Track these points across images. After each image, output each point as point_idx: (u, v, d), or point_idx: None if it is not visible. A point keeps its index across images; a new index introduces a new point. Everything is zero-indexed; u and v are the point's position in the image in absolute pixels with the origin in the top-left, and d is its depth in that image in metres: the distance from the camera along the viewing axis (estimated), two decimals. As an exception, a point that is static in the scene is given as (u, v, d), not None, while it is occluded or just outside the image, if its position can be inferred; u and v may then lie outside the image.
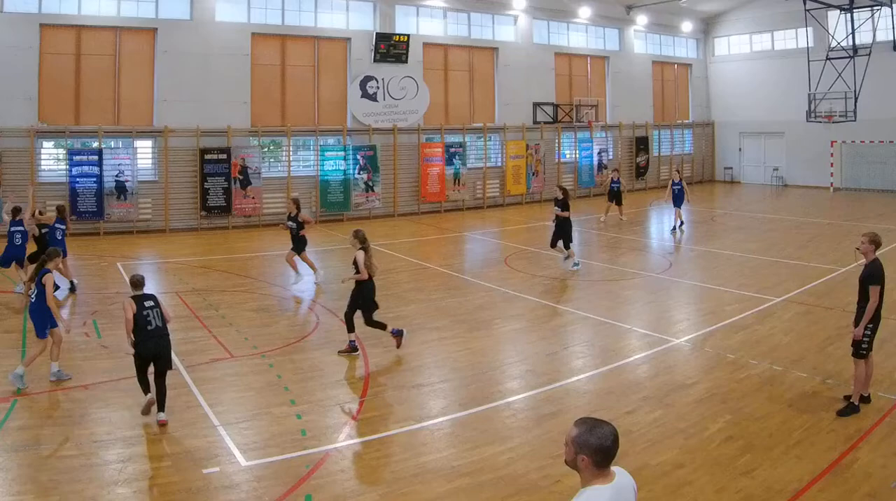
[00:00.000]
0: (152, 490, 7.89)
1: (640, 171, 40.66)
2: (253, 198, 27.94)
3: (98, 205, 25.38)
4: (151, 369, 9.90)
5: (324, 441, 9.14)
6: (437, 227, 28.42)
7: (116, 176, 25.74)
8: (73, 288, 16.97)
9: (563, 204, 20.17)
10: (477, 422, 9.78)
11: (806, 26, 35.46)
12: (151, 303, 9.92)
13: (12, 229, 16.55)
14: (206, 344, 13.10)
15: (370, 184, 30.54)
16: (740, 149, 44.05)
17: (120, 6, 26.33)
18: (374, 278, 13.02)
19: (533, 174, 35.43)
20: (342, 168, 30.00)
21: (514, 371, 12.05)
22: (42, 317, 11.02)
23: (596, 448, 3.97)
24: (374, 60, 31.22)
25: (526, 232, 27.01)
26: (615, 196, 28.31)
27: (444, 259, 21.93)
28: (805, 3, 32.94)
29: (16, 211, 16.93)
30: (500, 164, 35.01)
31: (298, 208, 18.34)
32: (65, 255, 16.38)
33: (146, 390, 9.86)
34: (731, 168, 44.42)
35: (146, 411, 9.76)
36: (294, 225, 18.02)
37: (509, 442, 9.10)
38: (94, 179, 25.32)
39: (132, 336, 9.73)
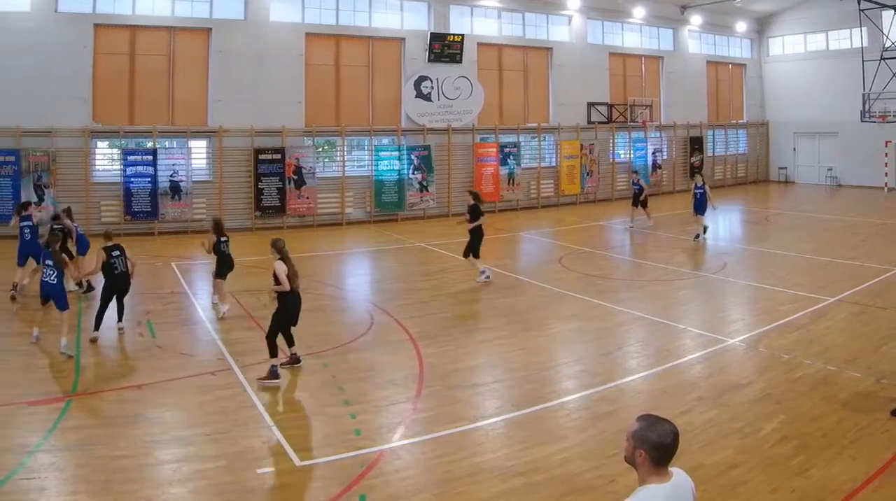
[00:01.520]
0: (206, 489, 7.93)
1: (695, 171, 40.13)
2: (307, 198, 28.16)
3: (152, 205, 25.72)
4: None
5: (378, 441, 9.15)
6: (492, 227, 27.96)
7: (171, 176, 26.05)
8: (14, 292, 16.05)
9: (474, 210, 18.34)
10: (531, 422, 9.75)
11: (860, 26, 34.69)
12: (118, 253, 13.39)
13: (21, 224, 16.55)
14: (261, 345, 13.16)
15: (424, 184, 30.63)
16: (794, 149, 43.38)
17: (174, 6, 26.68)
18: (299, 290, 11.97)
19: (587, 174, 35.28)
20: (396, 168, 30.12)
21: (568, 370, 12.00)
22: (63, 291, 12.74)
23: (655, 444, 3.95)
24: (429, 60, 31.28)
25: (581, 231, 26.85)
26: (638, 199, 27.12)
27: (498, 258, 21.85)
28: (859, 4, 32.41)
29: (23, 206, 17.22)
30: (554, 164, 34.87)
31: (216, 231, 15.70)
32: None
33: (98, 326, 13.10)
34: (786, 168, 43.72)
35: (94, 340, 12.89)
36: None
37: (564, 442, 9.06)
38: (149, 179, 25.65)
39: (101, 274, 13.36)
